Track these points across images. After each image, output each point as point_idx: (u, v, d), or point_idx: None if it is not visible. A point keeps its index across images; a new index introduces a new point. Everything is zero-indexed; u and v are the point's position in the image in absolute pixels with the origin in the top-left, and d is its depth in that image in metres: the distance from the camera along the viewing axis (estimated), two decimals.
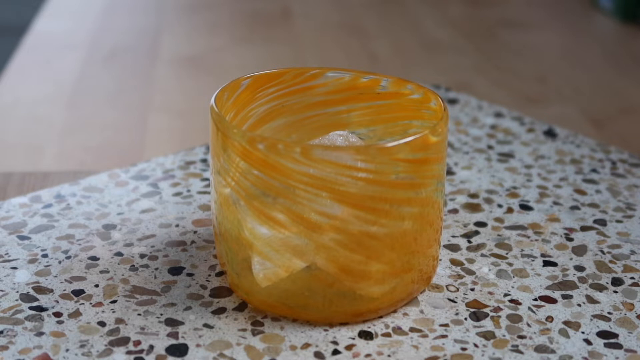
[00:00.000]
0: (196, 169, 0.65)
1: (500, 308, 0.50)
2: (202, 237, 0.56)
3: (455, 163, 0.66)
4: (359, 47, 1.18)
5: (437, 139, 0.48)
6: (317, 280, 0.47)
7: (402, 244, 0.48)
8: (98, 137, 0.90)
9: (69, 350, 0.46)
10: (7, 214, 0.58)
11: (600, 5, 1.32)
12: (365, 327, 0.48)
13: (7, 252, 0.54)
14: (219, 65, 1.11)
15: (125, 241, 0.56)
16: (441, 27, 1.25)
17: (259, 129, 0.55)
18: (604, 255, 0.55)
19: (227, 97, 0.52)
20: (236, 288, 0.50)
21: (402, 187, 0.47)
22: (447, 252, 0.55)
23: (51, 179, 0.65)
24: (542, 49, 1.16)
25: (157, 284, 0.51)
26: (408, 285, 0.49)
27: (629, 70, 1.10)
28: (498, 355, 0.46)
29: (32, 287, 0.51)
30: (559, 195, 0.62)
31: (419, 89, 0.53)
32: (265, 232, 0.47)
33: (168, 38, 1.22)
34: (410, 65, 1.10)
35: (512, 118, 0.74)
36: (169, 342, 0.47)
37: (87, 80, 1.06)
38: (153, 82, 1.06)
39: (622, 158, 0.67)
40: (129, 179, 0.63)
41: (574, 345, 0.47)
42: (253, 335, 0.47)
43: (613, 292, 0.52)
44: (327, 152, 0.45)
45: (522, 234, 0.57)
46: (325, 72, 0.55)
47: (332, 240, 0.46)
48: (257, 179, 0.46)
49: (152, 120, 0.94)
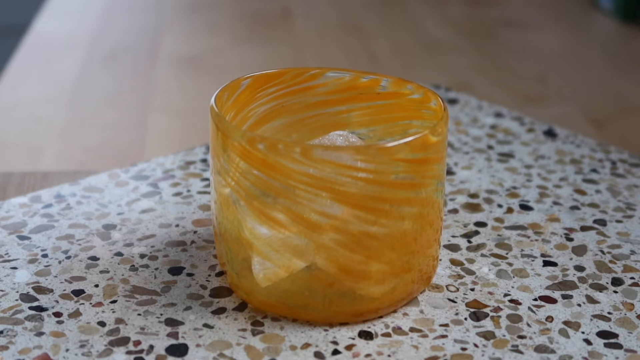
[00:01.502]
0: (196, 169, 0.65)
1: (500, 308, 0.50)
2: (202, 237, 0.56)
3: (455, 163, 0.66)
4: (359, 47, 1.18)
5: (437, 139, 0.48)
6: (317, 280, 0.47)
7: (402, 244, 0.48)
8: (98, 137, 0.90)
9: (69, 350, 0.46)
10: (7, 214, 0.58)
11: (600, 5, 1.32)
12: (365, 327, 0.49)
13: (7, 252, 0.54)
14: (219, 65, 1.11)
15: (125, 241, 0.56)
16: (441, 27, 1.25)
17: (259, 129, 0.55)
18: (604, 255, 0.55)
19: (227, 97, 0.52)
20: (236, 288, 0.50)
21: (402, 187, 0.47)
22: (447, 252, 0.55)
23: (51, 179, 0.65)
24: (542, 49, 1.16)
25: (157, 284, 0.51)
26: (408, 285, 0.49)
27: (629, 70, 1.10)
28: (498, 355, 0.46)
29: (32, 287, 0.51)
30: (559, 195, 0.62)
31: (419, 89, 0.53)
32: (265, 232, 0.47)
33: (168, 38, 1.22)
34: (410, 65, 1.10)
35: (512, 118, 0.74)
36: (169, 342, 0.47)
37: (87, 80, 1.06)
38: (153, 82, 1.06)
39: (622, 158, 0.67)
40: (129, 179, 0.63)
41: (574, 345, 0.47)
42: (253, 335, 0.47)
43: (613, 292, 0.52)
44: (327, 152, 0.45)
45: (522, 234, 0.57)
46: (325, 72, 0.55)
47: (332, 240, 0.46)
48: (257, 179, 0.46)
49: (152, 120, 0.94)
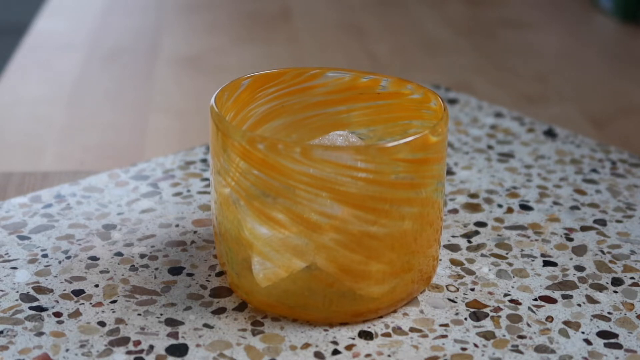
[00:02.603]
0: (196, 169, 0.65)
1: (500, 308, 0.50)
2: (202, 237, 0.56)
3: (455, 163, 0.66)
4: (359, 47, 1.18)
5: (437, 139, 0.48)
6: (317, 280, 0.47)
7: (402, 244, 0.48)
8: (98, 137, 0.90)
9: (69, 350, 0.46)
10: (7, 214, 0.58)
11: (600, 5, 1.32)
12: (365, 327, 0.48)
13: (7, 252, 0.54)
14: (218, 65, 1.11)
15: (125, 241, 0.56)
16: (441, 27, 1.25)
17: (259, 129, 0.55)
18: (604, 255, 0.55)
19: (227, 97, 0.52)
20: (236, 288, 0.50)
21: (402, 187, 0.47)
22: (447, 252, 0.55)
23: (51, 179, 0.65)
24: (542, 49, 1.16)
25: (157, 284, 0.51)
26: (408, 285, 0.49)
27: (629, 70, 1.10)
28: (498, 355, 0.46)
29: (32, 287, 0.51)
30: (559, 195, 0.62)
31: (419, 89, 0.53)
32: (265, 232, 0.47)
33: (167, 38, 1.21)
34: (410, 65, 1.10)
35: (512, 118, 0.74)
36: (169, 342, 0.47)
37: (87, 80, 1.06)
38: (153, 82, 1.06)
39: (622, 158, 0.67)
40: (129, 179, 0.63)
41: (574, 345, 0.47)
42: (253, 335, 0.47)
43: (613, 292, 0.52)
44: (327, 152, 0.45)
45: (522, 234, 0.57)
46: (325, 72, 0.55)
47: (332, 240, 0.46)
48: (257, 179, 0.46)
49: (152, 120, 0.94)
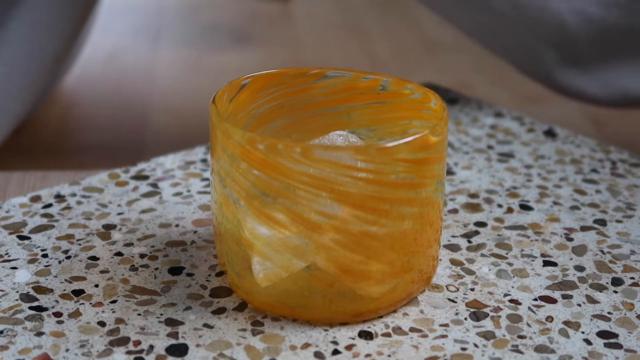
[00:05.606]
0: (196, 169, 0.65)
1: (500, 308, 0.50)
2: (202, 237, 0.56)
3: (455, 163, 0.66)
4: (359, 48, 1.18)
5: (437, 139, 0.48)
6: (317, 280, 0.47)
7: (402, 244, 0.48)
8: (98, 137, 0.90)
9: (69, 350, 0.46)
10: (7, 214, 0.58)
11: None
12: (365, 327, 0.48)
13: (7, 252, 0.54)
14: (219, 65, 1.11)
15: (125, 241, 0.56)
16: (441, 27, 1.25)
17: (259, 129, 0.54)
18: (604, 255, 0.55)
19: (227, 97, 0.52)
20: (236, 288, 0.50)
21: (402, 187, 0.47)
22: (447, 252, 0.55)
23: (51, 179, 0.65)
24: None
25: (157, 284, 0.51)
26: (408, 285, 0.49)
27: None
28: (498, 355, 0.46)
29: (32, 287, 0.51)
30: (559, 195, 0.62)
31: (419, 89, 0.53)
32: (265, 232, 0.47)
33: (168, 38, 1.22)
34: (410, 65, 1.10)
35: (512, 118, 0.74)
36: (169, 342, 0.47)
37: (87, 80, 1.06)
38: (153, 82, 1.06)
39: (622, 158, 0.67)
40: (129, 179, 0.63)
41: (574, 345, 0.47)
42: (253, 335, 0.47)
43: (613, 292, 0.52)
44: (327, 152, 0.45)
45: (522, 234, 0.57)
46: (325, 72, 0.55)
47: (332, 240, 0.46)
48: (257, 179, 0.46)
49: (152, 120, 0.94)
